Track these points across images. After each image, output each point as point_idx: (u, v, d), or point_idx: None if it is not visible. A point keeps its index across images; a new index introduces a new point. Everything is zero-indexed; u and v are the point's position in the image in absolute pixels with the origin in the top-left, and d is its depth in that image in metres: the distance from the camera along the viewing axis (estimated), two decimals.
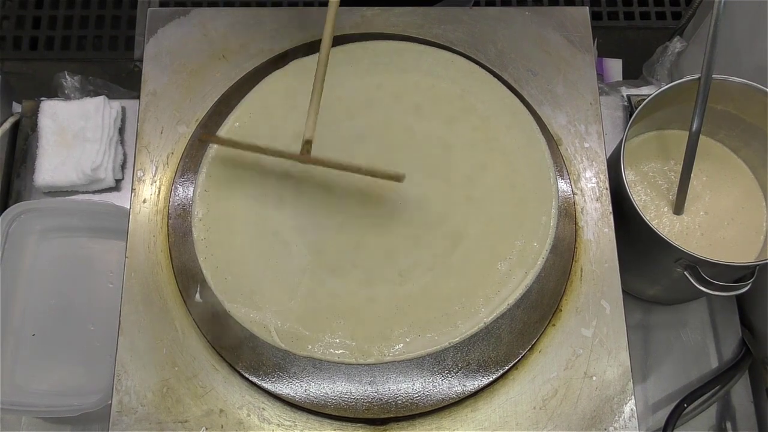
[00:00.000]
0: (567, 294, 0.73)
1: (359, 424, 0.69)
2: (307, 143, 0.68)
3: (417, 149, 0.76)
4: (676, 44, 1.17)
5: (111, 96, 1.00)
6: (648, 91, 1.08)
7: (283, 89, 0.79)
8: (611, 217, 0.76)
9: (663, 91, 0.82)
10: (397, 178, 0.69)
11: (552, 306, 0.72)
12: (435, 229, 0.72)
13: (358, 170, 0.70)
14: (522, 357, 0.70)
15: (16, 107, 1.01)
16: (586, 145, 0.80)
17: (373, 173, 0.70)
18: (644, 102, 0.82)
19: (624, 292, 0.74)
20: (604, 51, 1.53)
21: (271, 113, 0.77)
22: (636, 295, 0.93)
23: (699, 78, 0.79)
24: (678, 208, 0.86)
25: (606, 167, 0.79)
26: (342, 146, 0.76)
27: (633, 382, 0.70)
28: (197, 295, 0.71)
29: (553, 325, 0.72)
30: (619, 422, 0.68)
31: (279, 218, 0.73)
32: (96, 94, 1.03)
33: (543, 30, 0.84)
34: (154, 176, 0.77)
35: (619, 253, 0.75)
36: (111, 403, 0.68)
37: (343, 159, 0.70)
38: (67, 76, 1.07)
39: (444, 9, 0.86)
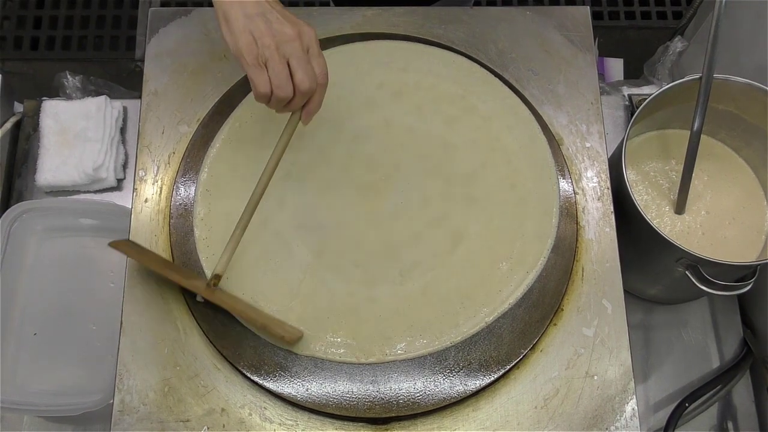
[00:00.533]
0: (568, 293, 0.73)
1: (361, 424, 0.69)
2: (216, 277, 0.66)
3: (418, 149, 0.76)
4: (677, 44, 1.17)
5: (112, 96, 1.00)
6: (649, 90, 1.08)
7: None
8: (612, 216, 0.76)
9: (664, 90, 0.82)
10: (290, 342, 0.66)
11: (553, 305, 0.72)
12: (436, 228, 0.73)
13: (251, 321, 0.67)
14: (523, 356, 0.70)
15: (18, 107, 1.01)
16: (588, 144, 0.80)
17: (266, 329, 0.67)
18: (645, 101, 0.82)
19: (625, 291, 0.74)
20: (605, 50, 1.53)
21: (273, 113, 0.77)
22: (637, 295, 0.93)
23: (700, 77, 0.79)
24: (679, 207, 0.86)
25: (607, 167, 0.79)
26: (342, 146, 0.77)
27: (634, 382, 0.70)
28: (198, 295, 0.71)
29: (555, 324, 0.72)
30: (620, 422, 0.68)
31: (280, 218, 0.73)
32: (97, 93, 1.03)
33: (544, 30, 0.84)
34: (156, 176, 0.77)
35: (621, 253, 0.75)
36: (113, 403, 0.68)
37: (244, 305, 0.67)
38: (68, 76, 1.07)
39: (445, 9, 0.86)
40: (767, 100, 0.81)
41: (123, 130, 0.99)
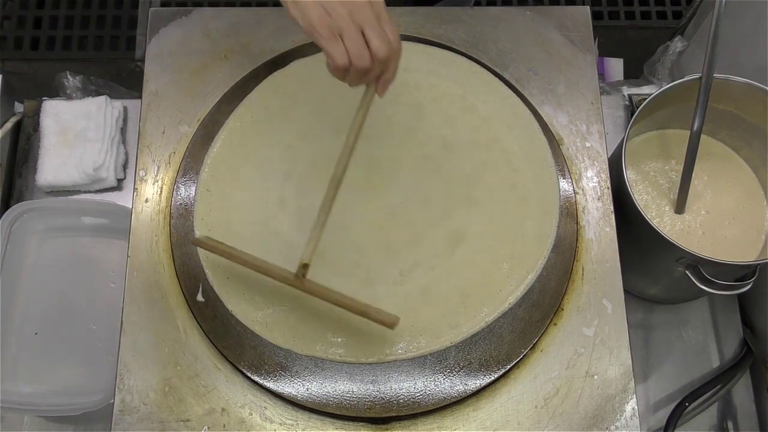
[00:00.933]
0: (568, 293, 0.73)
1: (361, 423, 0.69)
2: (304, 266, 0.63)
3: (418, 149, 0.76)
4: (677, 44, 1.17)
5: (113, 96, 1.00)
6: (649, 90, 1.08)
7: (284, 89, 0.79)
8: (613, 216, 0.76)
9: (664, 90, 0.82)
10: (391, 325, 0.63)
11: (553, 305, 0.72)
12: (436, 228, 0.73)
13: (349, 308, 0.65)
14: (524, 356, 0.70)
15: (18, 107, 1.01)
16: (588, 144, 0.80)
17: (366, 315, 0.64)
18: (645, 101, 0.82)
19: (625, 291, 0.74)
20: (605, 50, 1.53)
21: (273, 113, 0.78)
22: (637, 295, 0.93)
23: (700, 77, 0.79)
24: (679, 207, 0.86)
25: (607, 166, 0.79)
26: (342, 146, 0.77)
27: (634, 381, 0.70)
28: (199, 295, 0.71)
29: (555, 324, 0.72)
30: (620, 421, 0.69)
31: (281, 218, 0.73)
32: (98, 93, 1.03)
33: (544, 30, 0.84)
34: (156, 176, 0.77)
35: (621, 253, 0.75)
36: (113, 402, 0.68)
37: (338, 294, 0.65)
38: (68, 76, 1.07)
39: (445, 9, 0.86)
40: (767, 100, 0.81)
41: (123, 130, 0.99)
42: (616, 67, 1.53)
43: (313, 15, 0.58)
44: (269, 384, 0.68)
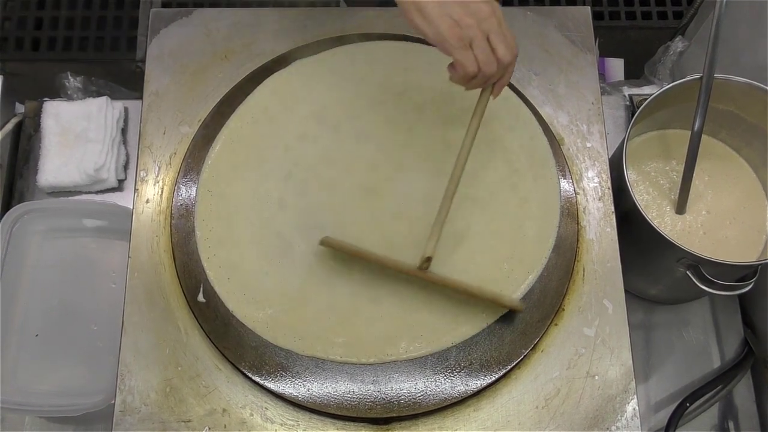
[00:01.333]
0: (569, 293, 0.73)
1: (362, 424, 0.69)
2: (427, 260, 0.67)
3: (419, 149, 0.76)
4: (678, 44, 1.17)
5: (113, 96, 1.00)
6: (650, 90, 1.08)
7: (284, 90, 0.79)
8: (613, 216, 0.76)
9: (665, 90, 0.82)
10: (520, 308, 0.69)
11: (554, 305, 0.72)
12: None
13: (477, 295, 0.68)
14: (524, 356, 0.70)
15: (19, 108, 1.01)
16: (588, 144, 0.80)
17: (497, 300, 0.68)
18: (646, 101, 0.82)
19: (626, 291, 0.74)
20: (606, 50, 1.53)
21: (274, 114, 0.78)
22: (638, 295, 0.93)
23: (701, 77, 0.79)
24: (680, 207, 0.86)
25: (608, 167, 0.79)
26: (344, 146, 0.77)
27: (635, 382, 0.70)
28: (200, 295, 0.71)
29: (556, 324, 0.72)
30: (621, 421, 0.68)
31: (282, 219, 0.73)
32: (98, 94, 1.03)
33: (545, 30, 0.84)
34: (157, 176, 0.77)
35: (621, 253, 0.75)
36: (114, 403, 0.68)
37: (460, 282, 0.68)
38: (69, 77, 1.07)
39: None
40: (767, 99, 0.81)
41: (124, 131, 0.99)
42: (616, 67, 1.52)
43: (443, 26, 0.60)
44: (270, 384, 0.68)
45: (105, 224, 0.92)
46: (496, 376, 0.69)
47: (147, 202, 0.76)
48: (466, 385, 0.69)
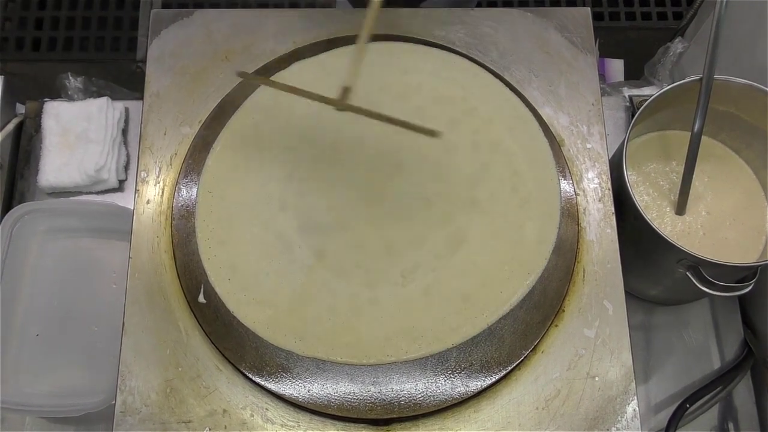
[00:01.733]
0: (569, 295, 0.73)
1: (362, 425, 0.69)
2: (346, 90, 0.67)
3: (419, 151, 0.76)
4: (678, 45, 1.17)
5: (114, 97, 1.00)
6: (650, 91, 1.08)
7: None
8: (613, 217, 0.76)
9: (665, 91, 0.82)
10: (432, 133, 0.68)
11: (554, 306, 0.72)
12: (437, 230, 0.73)
13: (390, 121, 0.69)
14: (525, 357, 0.70)
15: (20, 108, 1.01)
16: (588, 145, 0.80)
17: (407, 126, 0.69)
18: (646, 103, 0.82)
19: (626, 292, 0.74)
20: (606, 51, 1.53)
21: (274, 114, 0.78)
22: (638, 296, 0.94)
23: (701, 78, 0.79)
24: (680, 208, 0.86)
25: (608, 168, 0.79)
26: (344, 148, 0.77)
27: (635, 383, 0.70)
28: (201, 296, 0.71)
29: (556, 325, 0.72)
30: (621, 423, 0.69)
31: (282, 219, 0.73)
32: (99, 95, 1.03)
33: (545, 31, 0.85)
34: (158, 177, 0.78)
35: (622, 254, 0.75)
36: (114, 404, 0.68)
37: (377, 112, 0.69)
38: (70, 77, 1.07)
39: (446, 10, 0.86)
40: (767, 101, 0.81)
41: (125, 132, 0.99)
42: (616, 68, 1.53)
43: None
44: (271, 385, 0.68)
45: (105, 225, 0.92)
46: (497, 377, 0.69)
47: (148, 202, 0.76)
48: (467, 386, 0.69)
